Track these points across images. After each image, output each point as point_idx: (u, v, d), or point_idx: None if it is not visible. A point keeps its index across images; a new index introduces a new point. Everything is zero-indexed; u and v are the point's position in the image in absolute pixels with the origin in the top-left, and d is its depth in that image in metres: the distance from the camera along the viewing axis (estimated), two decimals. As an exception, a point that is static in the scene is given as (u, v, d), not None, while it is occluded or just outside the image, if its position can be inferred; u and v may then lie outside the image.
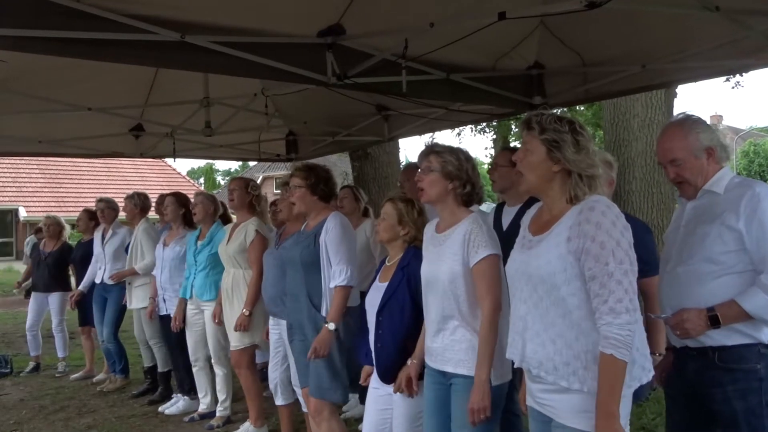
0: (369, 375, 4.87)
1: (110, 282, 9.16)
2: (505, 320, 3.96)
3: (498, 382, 3.97)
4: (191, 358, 7.93)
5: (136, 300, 8.90)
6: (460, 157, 4.19)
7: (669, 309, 3.84)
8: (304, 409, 6.16)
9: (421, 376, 4.36)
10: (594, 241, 3.00)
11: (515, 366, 3.47)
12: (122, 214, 9.60)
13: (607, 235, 2.99)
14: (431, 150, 4.27)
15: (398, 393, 4.49)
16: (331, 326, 5.29)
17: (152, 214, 9.43)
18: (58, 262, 10.81)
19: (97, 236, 9.74)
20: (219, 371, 7.77)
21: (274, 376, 6.64)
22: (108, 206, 9.69)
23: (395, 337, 4.51)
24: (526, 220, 3.55)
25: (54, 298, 10.80)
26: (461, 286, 4.00)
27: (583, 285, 3.06)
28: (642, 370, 3.17)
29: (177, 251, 8.16)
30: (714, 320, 3.62)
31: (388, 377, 4.54)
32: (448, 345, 4.06)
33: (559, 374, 3.13)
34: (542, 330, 3.19)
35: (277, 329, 6.46)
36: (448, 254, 4.07)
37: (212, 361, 7.75)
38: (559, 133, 3.19)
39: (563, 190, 3.23)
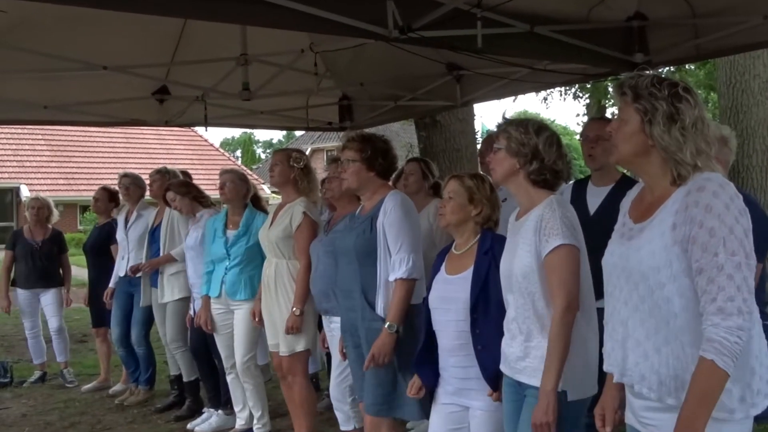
0: (420, 388, 4.86)
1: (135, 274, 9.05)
2: (589, 325, 4.03)
3: (577, 397, 4.01)
4: (225, 364, 7.86)
5: (170, 292, 8.81)
6: (529, 129, 4.17)
7: None
8: None
9: None
10: (702, 227, 2.93)
11: (615, 380, 3.43)
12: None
13: (718, 221, 2.91)
14: (499, 125, 4.33)
15: (480, 411, 4.54)
16: (392, 328, 5.24)
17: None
18: (52, 252, 10.72)
19: (120, 220, 9.68)
20: (247, 384, 7.66)
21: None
22: (134, 183, 9.62)
23: (499, 335, 4.40)
24: (625, 204, 3.52)
25: (49, 296, 10.67)
26: (535, 282, 4.03)
27: (693, 282, 3.00)
28: (758, 395, 3.05)
29: (195, 237, 8.14)
30: None
31: (496, 382, 4.47)
32: (523, 352, 4.10)
33: (665, 390, 3.09)
34: (644, 338, 3.15)
35: (333, 331, 6.38)
36: (522, 245, 4.10)
37: (238, 372, 7.65)
38: (655, 100, 3.12)
39: (664, 168, 3.16)
